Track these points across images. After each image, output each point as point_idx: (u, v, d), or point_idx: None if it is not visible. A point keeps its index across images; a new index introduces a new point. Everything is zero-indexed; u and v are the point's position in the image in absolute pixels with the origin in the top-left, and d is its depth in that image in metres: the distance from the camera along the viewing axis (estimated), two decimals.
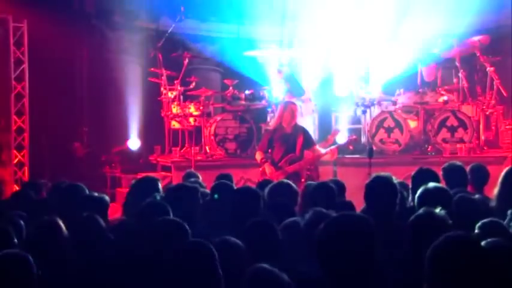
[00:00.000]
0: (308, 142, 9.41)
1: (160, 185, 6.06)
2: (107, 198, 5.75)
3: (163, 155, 11.82)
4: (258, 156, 9.47)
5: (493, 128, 11.47)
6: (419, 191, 5.19)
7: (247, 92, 11.63)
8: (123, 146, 12.42)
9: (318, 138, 11.57)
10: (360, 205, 5.57)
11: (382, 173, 5.46)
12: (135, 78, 12.85)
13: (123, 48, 12.49)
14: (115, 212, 6.98)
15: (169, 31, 12.05)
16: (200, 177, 7.50)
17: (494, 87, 11.05)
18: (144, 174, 10.87)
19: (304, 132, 9.55)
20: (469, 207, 5.09)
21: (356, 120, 11.68)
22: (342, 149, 9.93)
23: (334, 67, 12.42)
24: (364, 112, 11.42)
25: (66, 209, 5.41)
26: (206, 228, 5.04)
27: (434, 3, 12.07)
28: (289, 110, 9.47)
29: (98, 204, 5.56)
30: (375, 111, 11.42)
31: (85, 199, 5.73)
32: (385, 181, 5.22)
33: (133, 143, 12.47)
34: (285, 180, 6.56)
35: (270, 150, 9.48)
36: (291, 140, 9.31)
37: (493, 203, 5.68)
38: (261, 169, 9.21)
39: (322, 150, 9.58)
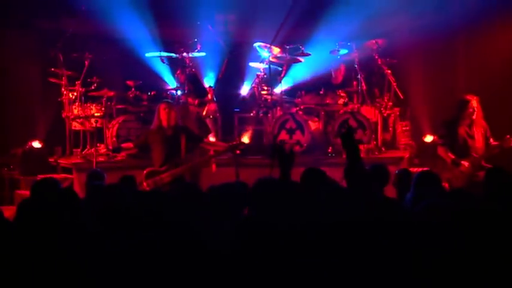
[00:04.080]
0: (193, 139, 9.41)
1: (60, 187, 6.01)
2: None
3: (64, 157, 11.62)
4: (128, 146, 9.57)
5: (391, 129, 11.81)
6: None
7: (149, 93, 11.59)
8: (22, 147, 12.12)
9: (221, 139, 11.68)
10: None
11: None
12: (34, 79, 12.58)
13: (21, 48, 12.21)
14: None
15: (70, 31, 11.86)
16: (105, 176, 7.47)
17: (391, 89, 11.38)
18: (43, 176, 10.75)
19: (186, 131, 9.49)
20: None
21: (258, 122, 11.79)
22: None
23: (237, 68, 12.54)
24: (266, 113, 11.55)
25: None
26: None
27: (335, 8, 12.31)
28: (164, 109, 9.40)
29: None
30: (277, 112, 11.57)
31: None
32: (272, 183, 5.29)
33: (33, 144, 12.19)
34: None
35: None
36: (174, 142, 9.22)
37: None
38: (145, 172, 9.13)
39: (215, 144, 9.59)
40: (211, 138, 11.48)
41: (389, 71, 11.33)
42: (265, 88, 11.68)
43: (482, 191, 6.27)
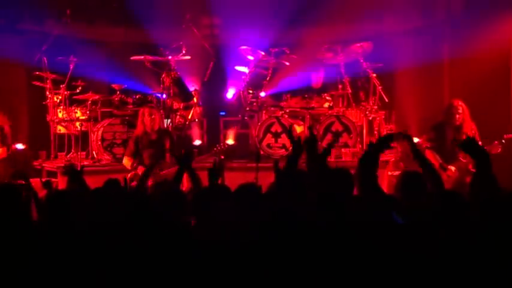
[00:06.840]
0: (172, 147, 9.46)
1: None
2: None
3: (49, 161, 11.57)
4: (127, 161, 9.56)
5: (376, 132, 11.81)
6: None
7: (135, 96, 11.56)
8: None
9: (206, 143, 11.68)
10: None
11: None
12: (18, 82, 12.51)
13: (5, 51, 12.13)
14: None
15: (54, 34, 11.79)
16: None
17: (377, 93, 11.40)
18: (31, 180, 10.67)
19: (170, 136, 9.57)
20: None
21: (244, 125, 11.78)
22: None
23: (223, 72, 12.52)
24: (251, 117, 11.55)
25: None
26: None
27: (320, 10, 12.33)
28: (148, 114, 9.46)
29: None
30: (263, 116, 11.56)
31: None
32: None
33: (17, 146, 12.11)
34: None
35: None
36: (159, 146, 9.28)
37: None
38: (129, 175, 9.13)
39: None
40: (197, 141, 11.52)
41: (374, 75, 11.35)
42: (251, 91, 11.67)
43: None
